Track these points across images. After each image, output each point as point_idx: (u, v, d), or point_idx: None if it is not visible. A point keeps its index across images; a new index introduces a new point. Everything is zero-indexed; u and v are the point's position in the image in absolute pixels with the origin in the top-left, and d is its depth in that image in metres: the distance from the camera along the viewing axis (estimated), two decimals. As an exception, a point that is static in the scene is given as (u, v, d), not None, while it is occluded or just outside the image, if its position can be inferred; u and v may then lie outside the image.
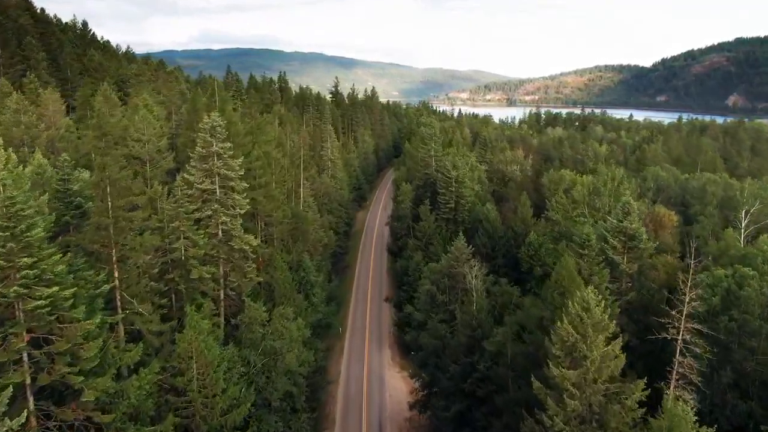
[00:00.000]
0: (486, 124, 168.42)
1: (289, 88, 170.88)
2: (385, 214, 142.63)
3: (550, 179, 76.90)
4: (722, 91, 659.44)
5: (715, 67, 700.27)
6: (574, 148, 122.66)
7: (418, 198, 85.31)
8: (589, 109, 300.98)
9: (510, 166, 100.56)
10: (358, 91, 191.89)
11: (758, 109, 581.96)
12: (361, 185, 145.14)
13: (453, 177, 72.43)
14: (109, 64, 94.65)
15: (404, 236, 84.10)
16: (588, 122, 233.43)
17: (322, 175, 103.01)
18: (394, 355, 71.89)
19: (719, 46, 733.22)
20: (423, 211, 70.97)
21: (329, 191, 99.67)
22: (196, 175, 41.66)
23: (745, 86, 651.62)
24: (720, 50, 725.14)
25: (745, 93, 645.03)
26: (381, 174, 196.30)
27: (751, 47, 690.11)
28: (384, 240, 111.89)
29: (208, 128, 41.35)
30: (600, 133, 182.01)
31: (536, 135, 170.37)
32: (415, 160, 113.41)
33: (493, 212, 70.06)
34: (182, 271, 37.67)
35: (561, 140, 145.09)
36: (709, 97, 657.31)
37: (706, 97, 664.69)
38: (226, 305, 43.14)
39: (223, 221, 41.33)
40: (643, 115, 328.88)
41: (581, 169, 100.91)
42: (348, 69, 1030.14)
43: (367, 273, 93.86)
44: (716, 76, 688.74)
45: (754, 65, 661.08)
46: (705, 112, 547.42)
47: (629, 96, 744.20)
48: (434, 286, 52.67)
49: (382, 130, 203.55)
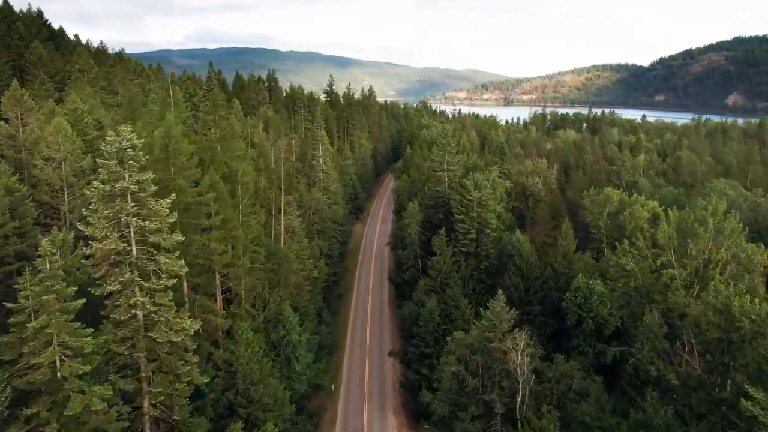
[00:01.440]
0: (493, 126, 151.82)
1: (279, 88, 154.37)
2: (384, 227, 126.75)
3: (592, 201, 61.04)
4: (722, 91, 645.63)
5: (714, 66, 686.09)
6: (606, 156, 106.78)
7: (428, 221, 69.28)
8: (597, 109, 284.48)
9: (531, 178, 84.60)
10: (355, 90, 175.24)
11: (759, 108, 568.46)
12: (357, 195, 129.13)
13: (474, 199, 56.39)
14: (53, 58, 78.01)
15: (411, 267, 68.16)
16: (598, 123, 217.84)
17: (313, 188, 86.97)
18: (401, 426, 56.03)
19: (718, 45, 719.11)
20: (438, 243, 54.98)
21: (321, 208, 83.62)
22: (96, 227, 25.62)
23: (745, 85, 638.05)
24: (719, 49, 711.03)
25: (745, 92, 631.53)
26: (379, 179, 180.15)
27: (750, 46, 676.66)
28: (384, 263, 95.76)
29: (114, 151, 25.29)
30: (615, 135, 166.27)
31: (548, 138, 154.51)
32: (420, 170, 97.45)
33: (526, 246, 54.26)
34: (56, 399, 21.71)
35: (578, 145, 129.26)
36: (708, 97, 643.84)
37: (705, 96, 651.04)
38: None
39: (136, 302, 25.28)
40: (642, 114, 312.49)
41: (616, 182, 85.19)
42: (344, 68, 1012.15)
43: (365, 309, 77.56)
44: (715, 75, 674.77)
45: (753, 64, 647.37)
46: (705, 112, 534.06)
47: (627, 95, 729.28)
48: (462, 366, 36.79)
49: (380, 132, 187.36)
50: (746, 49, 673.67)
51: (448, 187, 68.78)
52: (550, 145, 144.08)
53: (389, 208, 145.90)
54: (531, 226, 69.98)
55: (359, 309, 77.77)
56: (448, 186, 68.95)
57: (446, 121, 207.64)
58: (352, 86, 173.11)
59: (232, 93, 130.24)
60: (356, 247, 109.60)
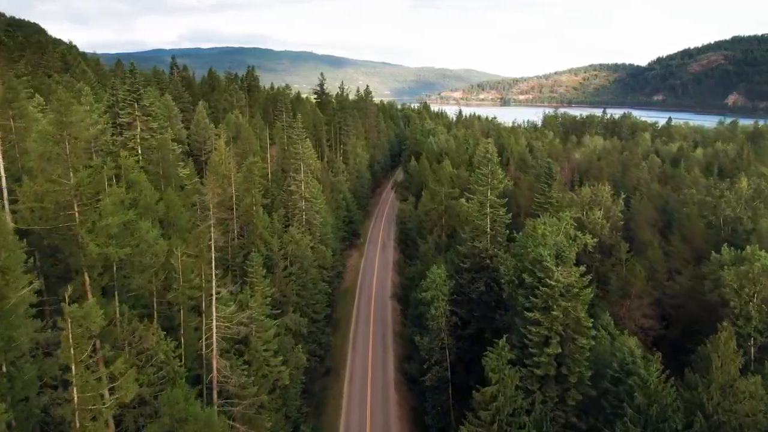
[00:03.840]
0: (513, 133, 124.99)
1: (260, 88, 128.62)
2: (385, 256, 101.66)
3: (738, 275, 36.14)
4: (721, 90, 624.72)
5: (713, 65, 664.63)
6: (666, 176, 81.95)
7: (461, 293, 44.08)
8: (614, 110, 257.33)
9: (591, 212, 59.48)
10: (349, 90, 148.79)
11: (759, 108, 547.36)
12: (353, 218, 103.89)
13: (558, 284, 31.37)
14: None
15: (435, 365, 42.94)
16: (617, 126, 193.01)
17: (291, 227, 61.53)
18: None
19: (716, 45, 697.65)
20: (493, 364, 29.98)
21: (301, 254, 58.31)
22: None
23: (745, 85, 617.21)
24: (717, 48, 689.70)
25: (745, 92, 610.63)
26: (378, 191, 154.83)
27: (748, 46, 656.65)
28: (388, 324, 70.35)
29: None
30: (649, 142, 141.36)
31: (574, 147, 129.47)
32: (436, 198, 72.36)
33: (655, 375, 29.46)
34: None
35: (623, 160, 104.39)
36: (707, 96, 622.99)
37: (704, 96, 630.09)
38: None
39: None
40: (640, 114, 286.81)
41: (713, 219, 60.06)
42: (338, 68, 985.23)
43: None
44: (714, 75, 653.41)
45: (752, 64, 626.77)
46: (705, 112, 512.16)
47: (625, 95, 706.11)
48: None
49: (377, 137, 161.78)
50: (745, 48, 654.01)
51: (492, 240, 43.63)
52: (578, 155, 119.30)
53: (389, 228, 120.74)
54: (613, 303, 44.65)
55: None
56: (491, 239, 43.76)
57: (450, 124, 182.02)
58: (346, 86, 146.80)
59: (199, 93, 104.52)
60: (350, 290, 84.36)
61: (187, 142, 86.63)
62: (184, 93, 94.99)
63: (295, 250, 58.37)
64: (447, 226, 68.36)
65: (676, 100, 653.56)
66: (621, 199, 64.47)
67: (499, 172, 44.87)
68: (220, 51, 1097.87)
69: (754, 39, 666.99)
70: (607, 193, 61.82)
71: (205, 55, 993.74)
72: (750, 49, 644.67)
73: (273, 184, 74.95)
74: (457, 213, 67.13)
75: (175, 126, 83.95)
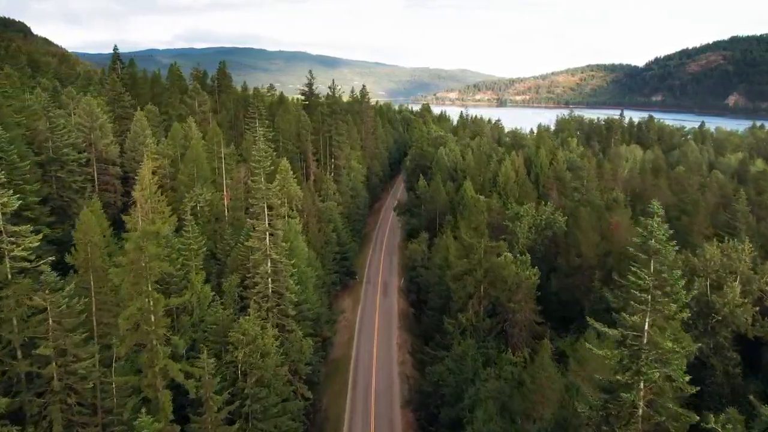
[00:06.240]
0: (541, 142, 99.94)
1: (234, 89, 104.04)
2: (387, 303, 77.81)
3: None
4: (721, 90, 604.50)
5: (712, 65, 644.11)
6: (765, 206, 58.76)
7: None
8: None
9: (724, 281, 36.22)
10: (342, 91, 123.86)
11: (761, 109, 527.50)
12: (346, 253, 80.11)
13: None
14: None
15: None
16: (641, 131, 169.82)
17: (249, 311, 37.73)
18: None
19: (714, 45, 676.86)
20: None
21: (263, 366, 34.74)
22: None
23: (745, 85, 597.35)
24: (715, 49, 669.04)
25: (746, 92, 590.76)
26: (375, 207, 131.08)
27: (747, 46, 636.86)
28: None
29: None
30: (696, 152, 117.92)
31: (612, 159, 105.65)
32: (472, 248, 48.32)
33: None
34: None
35: (705, 185, 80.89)
36: (707, 97, 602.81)
37: (704, 96, 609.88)
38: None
39: None
40: (639, 115, 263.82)
41: None
42: (333, 68, 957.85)
43: None
44: (714, 75, 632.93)
45: (752, 64, 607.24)
46: (705, 113, 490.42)
47: (623, 96, 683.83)
48: None
49: (375, 145, 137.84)
50: (744, 48, 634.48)
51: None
52: (625, 172, 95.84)
53: (391, 260, 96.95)
54: None
55: None
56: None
57: (461, 130, 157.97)
58: (340, 86, 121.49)
59: (148, 96, 80.00)
60: (342, 365, 60.54)
61: (120, 162, 62.49)
62: (123, 95, 70.56)
63: (252, 356, 34.56)
64: (486, 296, 44.49)
65: (674, 100, 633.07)
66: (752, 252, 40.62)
67: (679, 284, 20.86)
68: (214, 51, 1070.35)
69: (752, 39, 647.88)
70: (745, 252, 38.15)
71: (199, 55, 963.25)
72: (749, 50, 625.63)
73: (230, 228, 50.70)
74: (503, 277, 43.32)
75: (101, 141, 59.76)
